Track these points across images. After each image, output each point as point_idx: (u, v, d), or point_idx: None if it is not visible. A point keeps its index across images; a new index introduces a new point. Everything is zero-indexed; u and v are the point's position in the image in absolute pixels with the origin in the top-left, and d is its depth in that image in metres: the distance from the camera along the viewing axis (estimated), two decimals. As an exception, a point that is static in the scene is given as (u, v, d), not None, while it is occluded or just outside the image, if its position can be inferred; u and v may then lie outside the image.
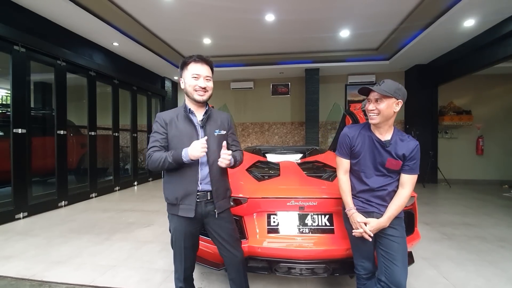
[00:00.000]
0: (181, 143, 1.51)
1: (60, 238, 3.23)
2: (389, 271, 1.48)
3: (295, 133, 8.43)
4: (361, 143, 1.57)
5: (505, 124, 7.31)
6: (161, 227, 3.61)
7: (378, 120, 1.49)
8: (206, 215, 1.56)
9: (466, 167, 7.48)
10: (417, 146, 1.51)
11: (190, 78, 1.54)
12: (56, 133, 4.58)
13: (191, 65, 1.56)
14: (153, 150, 1.51)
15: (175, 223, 1.57)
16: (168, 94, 8.56)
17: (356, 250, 1.65)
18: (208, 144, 1.54)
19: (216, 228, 1.60)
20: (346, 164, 1.64)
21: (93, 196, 5.44)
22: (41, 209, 4.29)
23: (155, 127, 1.58)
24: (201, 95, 1.55)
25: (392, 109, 1.47)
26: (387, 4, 4.29)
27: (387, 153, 1.51)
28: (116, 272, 2.42)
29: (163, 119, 1.57)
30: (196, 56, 1.57)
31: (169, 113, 1.61)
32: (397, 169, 1.52)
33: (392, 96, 1.45)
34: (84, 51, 5.36)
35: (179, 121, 1.57)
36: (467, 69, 5.76)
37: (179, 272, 1.61)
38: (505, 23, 4.45)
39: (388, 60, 6.92)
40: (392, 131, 1.55)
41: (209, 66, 1.60)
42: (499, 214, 4.28)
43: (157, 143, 1.53)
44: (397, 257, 1.48)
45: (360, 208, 1.57)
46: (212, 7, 4.35)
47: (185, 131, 1.55)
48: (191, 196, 1.51)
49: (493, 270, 2.45)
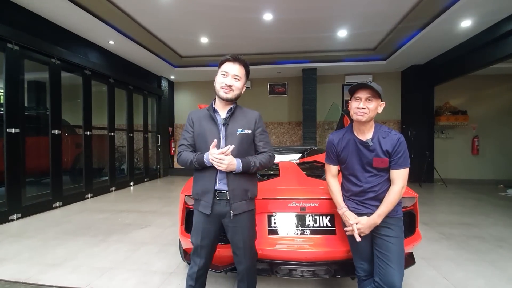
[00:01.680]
0: (204, 142, 1.55)
1: (55, 240, 3.17)
2: (383, 271, 1.48)
3: (293, 133, 8.42)
4: (346, 148, 1.60)
5: (500, 124, 7.39)
6: (158, 228, 3.56)
7: (366, 118, 1.50)
8: (223, 215, 1.54)
9: (462, 167, 7.54)
10: (400, 139, 1.51)
11: (220, 75, 1.57)
12: (50, 133, 4.50)
13: (225, 64, 1.58)
14: (182, 149, 1.60)
15: (196, 217, 1.61)
16: (164, 93, 8.48)
17: (355, 252, 1.64)
18: (227, 143, 1.53)
19: (230, 230, 1.57)
20: (334, 169, 1.71)
21: (89, 197, 5.36)
22: (35, 210, 4.21)
23: (185, 126, 1.66)
24: (226, 92, 1.54)
25: (377, 110, 1.54)
26: (385, 4, 4.29)
27: (371, 152, 1.53)
28: (113, 274, 2.37)
29: (191, 118, 1.63)
30: (230, 55, 1.58)
31: (198, 112, 1.66)
32: (386, 167, 1.52)
33: (379, 97, 1.52)
34: (79, 49, 5.28)
35: (204, 120, 1.60)
36: (463, 69, 5.80)
37: (193, 270, 1.58)
38: (501, 24, 4.48)
39: (385, 60, 6.94)
40: (373, 130, 1.57)
41: (241, 66, 1.58)
42: (496, 214, 4.31)
43: (185, 142, 1.61)
44: (391, 257, 1.47)
45: (355, 210, 1.57)
46: (209, 5, 4.31)
47: (208, 129, 1.57)
48: (209, 193, 1.53)
49: (492, 270, 2.45)
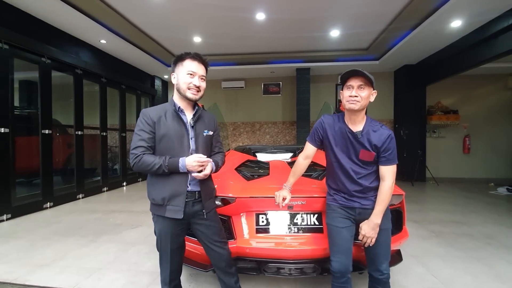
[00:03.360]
0: (171, 143, 1.48)
1: (44, 240, 3.13)
2: (369, 260, 1.59)
3: (286, 132, 8.43)
4: (334, 135, 1.60)
5: (490, 123, 7.49)
6: (149, 228, 3.54)
7: (358, 106, 1.49)
8: (193, 215, 1.53)
9: (453, 165, 7.63)
10: (390, 135, 1.52)
11: (185, 74, 1.49)
12: (40, 133, 4.44)
13: (188, 61, 1.50)
14: (142, 152, 1.44)
15: (160, 224, 1.52)
16: (158, 93, 8.44)
17: (333, 244, 1.59)
18: (197, 144, 1.54)
19: (203, 228, 1.57)
20: (310, 150, 1.72)
21: (80, 197, 5.31)
22: (25, 210, 4.16)
23: (141, 124, 1.48)
24: (194, 94, 1.51)
25: (369, 98, 1.53)
26: (377, 5, 4.32)
27: (359, 144, 1.53)
28: (101, 275, 2.35)
29: (150, 117, 1.48)
30: (194, 54, 1.52)
31: (156, 110, 1.52)
32: (371, 160, 1.53)
33: (371, 86, 1.51)
34: (70, 48, 5.22)
35: (167, 120, 1.50)
36: (454, 69, 5.86)
37: (166, 275, 1.57)
38: (490, 24, 4.54)
39: (378, 60, 6.99)
40: (365, 122, 1.57)
41: (205, 66, 1.56)
42: (485, 212, 4.36)
43: (144, 143, 1.45)
44: (378, 246, 1.55)
45: (343, 203, 1.59)
46: (202, 4, 4.30)
47: (174, 130, 1.49)
48: (180, 197, 1.47)
49: (480, 267, 2.48)
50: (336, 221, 1.59)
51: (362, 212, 1.58)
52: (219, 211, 1.84)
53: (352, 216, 1.60)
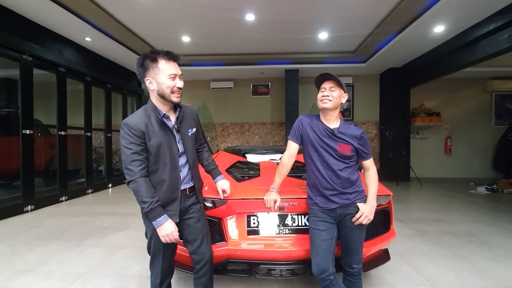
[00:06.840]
0: (162, 152, 1.43)
1: (25, 245, 3.01)
2: (344, 255, 1.69)
3: (275, 133, 8.47)
4: (313, 131, 1.68)
5: (471, 125, 7.79)
6: (136, 231, 3.47)
7: (330, 105, 1.63)
8: (185, 212, 1.55)
9: (436, 165, 7.89)
10: (363, 133, 1.67)
11: (167, 78, 1.39)
12: (21, 133, 4.27)
13: (163, 63, 1.39)
14: (139, 167, 1.36)
15: (153, 226, 1.48)
16: (145, 92, 8.28)
17: (312, 246, 1.63)
18: (185, 146, 1.52)
19: (193, 221, 1.58)
20: (294, 148, 1.76)
21: (63, 200, 5.14)
22: (5, 214, 3.99)
23: (129, 138, 1.36)
24: (178, 96, 1.45)
25: (340, 99, 1.67)
26: (364, 9, 4.41)
27: (337, 138, 1.63)
28: (86, 280, 2.28)
29: (138, 128, 1.37)
30: (166, 53, 1.41)
31: (141, 119, 1.41)
32: (349, 154, 1.62)
33: (342, 88, 1.66)
34: (53, 46, 5.05)
35: (154, 127, 1.42)
36: (437, 72, 6.06)
37: (157, 276, 1.54)
38: (472, 30, 4.72)
39: (364, 63, 7.13)
40: (339, 122, 1.70)
41: (178, 62, 1.48)
42: (466, 210, 4.53)
43: (138, 156, 1.37)
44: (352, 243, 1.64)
45: (324, 206, 1.64)
46: (190, 3, 4.25)
47: (163, 139, 1.43)
48: (175, 202, 1.48)
49: (463, 265, 2.57)
50: (318, 224, 1.64)
51: (343, 211, 1.63)
52: (210, 213, 1.82)
53: (332, 217, 1.64)
